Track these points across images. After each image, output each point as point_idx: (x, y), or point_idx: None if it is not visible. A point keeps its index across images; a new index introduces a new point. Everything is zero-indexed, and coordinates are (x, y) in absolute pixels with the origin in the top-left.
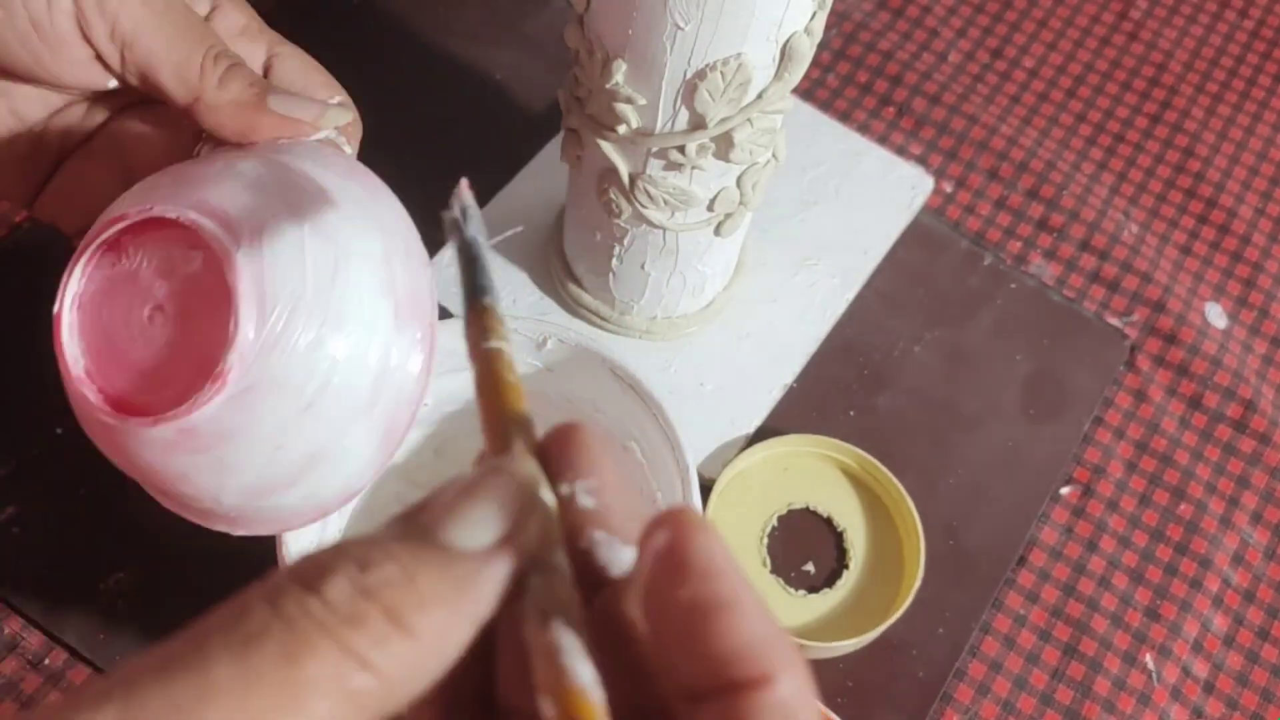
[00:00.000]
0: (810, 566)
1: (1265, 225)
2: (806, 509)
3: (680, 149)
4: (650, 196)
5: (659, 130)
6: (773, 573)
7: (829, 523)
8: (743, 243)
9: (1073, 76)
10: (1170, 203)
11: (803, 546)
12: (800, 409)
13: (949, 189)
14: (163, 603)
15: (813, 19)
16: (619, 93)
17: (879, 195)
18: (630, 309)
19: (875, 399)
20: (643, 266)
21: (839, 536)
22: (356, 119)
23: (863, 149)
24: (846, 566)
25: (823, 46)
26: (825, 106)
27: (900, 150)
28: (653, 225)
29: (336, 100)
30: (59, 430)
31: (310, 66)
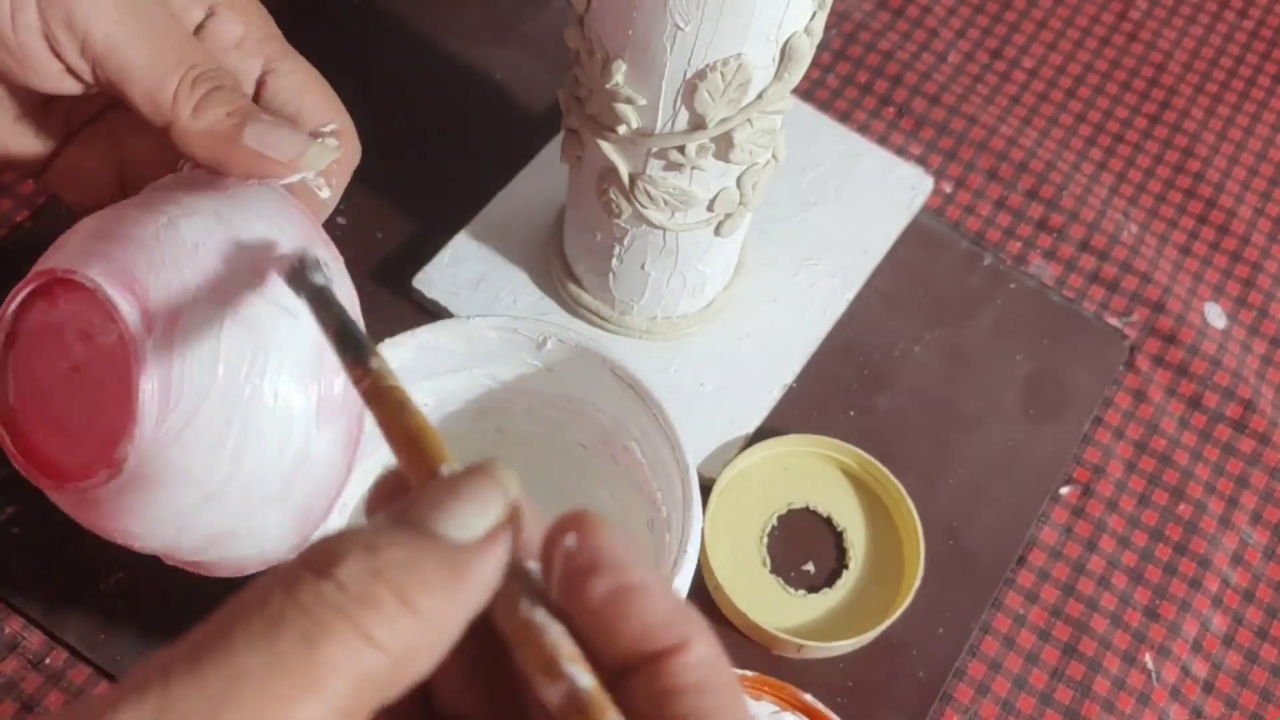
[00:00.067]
0: (810, 566)
1: (1265, 225)
2: (806, 509)
3: (680, 149)
4: (650, 197)
5: (659, 130)
6: (772, 573)
7: (829, 522)
8: (743, 243)
9: (1072, 76)
10: (1170, 203)
11: (803, 546)
12: (800, 409)
13: (949, 189)
14: (163, 603)
15: (813, 19)
16: (619, 93)
17: (879, 195)
18: (630, 309)
19: (875, 399)
20: (643, 266)
21: (839, 536)
22: (355, 148)
23: (862, 149)
24: (846, 566)
25: (823, 47)
26: (825, 107)
27: (900, 150)
28: (653, 225)
29: (330, 127)
30: None
31: (309, 85)
